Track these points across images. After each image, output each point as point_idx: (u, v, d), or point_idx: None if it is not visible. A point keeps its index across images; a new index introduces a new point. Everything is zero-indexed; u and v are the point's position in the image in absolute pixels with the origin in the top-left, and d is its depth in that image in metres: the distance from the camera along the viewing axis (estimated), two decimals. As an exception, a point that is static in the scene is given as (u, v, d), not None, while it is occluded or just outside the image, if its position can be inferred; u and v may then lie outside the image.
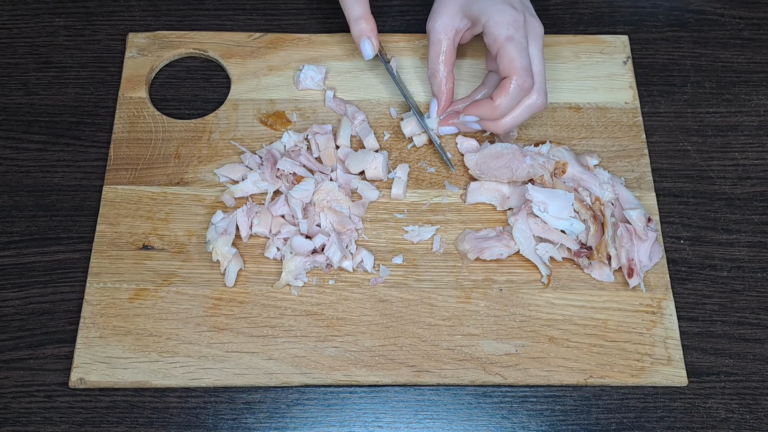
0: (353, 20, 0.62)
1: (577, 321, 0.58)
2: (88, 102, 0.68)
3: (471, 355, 0.57)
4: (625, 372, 0.57)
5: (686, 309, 0.60)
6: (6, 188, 0.64)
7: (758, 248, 0.63)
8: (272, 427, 0.56)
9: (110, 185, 0.63)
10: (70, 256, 0.61)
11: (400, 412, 0.56)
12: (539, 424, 0.56)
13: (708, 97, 0.70)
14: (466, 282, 0.60)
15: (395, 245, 0.61)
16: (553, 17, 0.74)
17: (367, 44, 0.63)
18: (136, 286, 0.59)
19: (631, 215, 0.59)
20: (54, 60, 0.71)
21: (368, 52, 0.63)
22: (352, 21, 0.62)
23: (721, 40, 0.73)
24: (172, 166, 0.64)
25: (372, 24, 0.63)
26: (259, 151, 0.64)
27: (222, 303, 0.58)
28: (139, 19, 0.73)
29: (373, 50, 0.63)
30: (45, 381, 0.57)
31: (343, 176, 0.63)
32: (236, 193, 0.62)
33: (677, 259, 0.62)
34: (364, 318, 0.58)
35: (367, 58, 0.64)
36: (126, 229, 0.61)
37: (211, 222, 0.60)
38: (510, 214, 0.62)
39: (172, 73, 0.70)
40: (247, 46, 0.70)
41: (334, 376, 0.56)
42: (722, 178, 0.66)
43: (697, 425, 0.56)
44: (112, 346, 0.57)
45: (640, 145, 0.66)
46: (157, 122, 0.66)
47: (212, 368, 0.56)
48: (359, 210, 0.62)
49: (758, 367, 0.59)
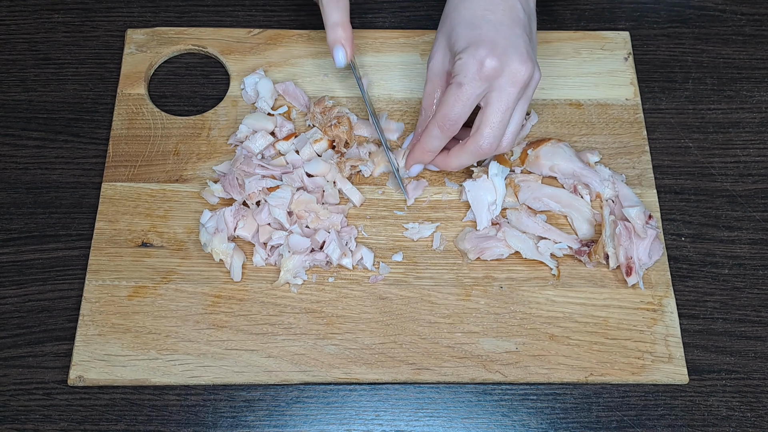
0: (330, 25, 0.61)
1: (578, 318, 0.58)
2: (86, 99, 0.68)
3: (471, 353, 0.57)
4: (625, 370, 0.57)
5: (687, 306, 0.60)
6: (4, 185, 0.64)
7: (759, 245, 0.63)
8: (272, 424, 0.55)
9: (109, 182, 0.63)
10: (68, 253, 0.61)
11: (400, 410, 0.56)
12: (539, 422, 0.56)
13: (709, 93, 0.70)
14: (467, 279, 0.60)
15: (395, 242, 0.61)
16: (554, 13, 0.74)
17: (341, 52, 0.61)
18: (135, 283, 0.59)
19: (629, 213, 0.59)
20: (52, 56, 0.70)
21: (340, 60, 0.61)
22: (328, 26, 0.61)
23: (722, 37, 0.73)
24: (171, 163, 0.64)
25: (348, 32, 0.61)
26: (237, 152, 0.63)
27: (221, 300, 0.58)
28: (137, 15, 0.73)
29: (346, 59, 0.61)
30: (44, 379, 0.57)
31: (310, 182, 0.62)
32: (216, 192, 0.62)
33: (678, 256, 0.62)
34: (363, 315, 0.58)
35: (338, 66, 0.62)
36: (125, 226, 0.61)
37: (200, 224, 0.60)
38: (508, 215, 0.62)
39: (171, 69, 0.70)
40: (246, 42, 0.70)
41: (333, 374, 0.56)
42: (723, 175, 0.66)
43: (698, 423, 0.56)
44: (111, 343, 0.57)
45: (641, 141, 0.66)
46: (156, 119, 0.66)
47: (211, 366, 0.56)
48: (338, 217, 0.61)
49: (759, 364, 0.58)
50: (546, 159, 0.63)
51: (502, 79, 0.54)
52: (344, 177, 0.62)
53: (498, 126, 0.56)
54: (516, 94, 0.55)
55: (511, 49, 0.54)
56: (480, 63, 0.54)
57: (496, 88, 0.55)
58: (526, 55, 0.55)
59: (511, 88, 0.55)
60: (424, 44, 0.70)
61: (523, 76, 0.54)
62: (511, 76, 0.54)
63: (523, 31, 0.56)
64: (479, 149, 0.57)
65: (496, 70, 0.54)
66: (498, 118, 0.55)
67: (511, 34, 0.55)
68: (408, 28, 0.72)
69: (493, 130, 0.56)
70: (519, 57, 0.54)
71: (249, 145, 0.63)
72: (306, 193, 0.60)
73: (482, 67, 0.54)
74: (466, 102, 0.55)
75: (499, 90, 0.55)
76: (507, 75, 0.54)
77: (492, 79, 0.54)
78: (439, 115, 0.56)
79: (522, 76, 0.54)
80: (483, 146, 0.56)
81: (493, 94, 0.55)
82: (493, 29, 0.55)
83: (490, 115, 0.55)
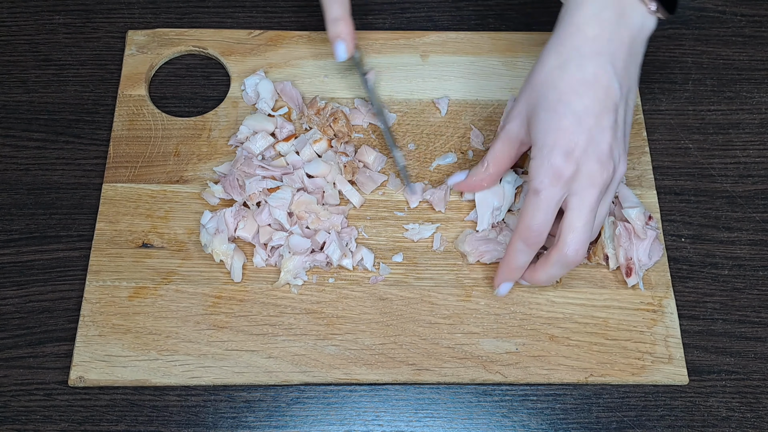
0: (331, 21, 0.61)
1: (578, 319, 0.58)
2: (87, 100, 0.68)
3: (471, 354, 0.57)
4: (625, 370, 0.57)
5: (687, 307, 0.60)
6: (5, 186, 0.64)
7: (759, 246, 0.63)
8: (272, 425, 0.55)
9: (110, 183, 0.63)
10: (69, 254, 0.61)
11: (400, 411, 0.56)
12: (539, 422, 0.56)
13: (709, 94, 0.70)
14: (467, 280, 0.60)
15: (395, 243, 0.61)
16: (554, 14, 0.74)
17: (341, 46, 0.61)
18: (136, 284, 0.59)
19: (629, 214, 0.59)
20: (53, 58, 0.71)
21: (341, 54, 0.61)
22: (329, 21, 0.61)
23: (722, 38, 0.73)
24: (172, 163, 0.64)
25: (350, 27, 0.61)
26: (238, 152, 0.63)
27: (222, 301, 0.58)
28: (138, 16, 0.73)
29: (347, 53, 0.61)
30: (44, 379, 0.57)
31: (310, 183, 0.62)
32: (216, 194, 0.62)
33: (678, 257, 0.62)
34: (364, 316, 0.58)
35: (339, 60, 0.62)
36: (125, 227, 0.61)
37: (201, 224, 0.60)
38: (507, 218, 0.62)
39: (171, 70, 0.70)
40: (246, 43, 0.70)
41: (334, 375, 0.56)
42: (723, 175, 0.66)
43: (698, 424, 0.56)
44: (112, 344, 0.57)
45: (641, 142, 0.66)
46: (156, 120, 0.66)
47: (212, 366, 0.56)
48: (338, 218, 0.61)
49: (759, 365, 0.58)
50: (546, 160, 0.63)
51: (581, 182, 0.50)
52: (345, 178, 0.62)
53: (582, 230, 0.51)
54: (597, 195, 0.51)
55: (591, 148, 0.50)
56: (555, 169, 0.50)
57: (576, 192, 0.51)
58: (607, 155, 0.50)
59: (591, 189, 0.51)
60: (424, 46, 0.70)
61: (603, 178, 0.51)
62: (590, 179, 0.50)
63: (611, 120, 0.51)
64: (565, 258, 0.52)
65: (573, 174, 0.50)
66: (581, 222, 0.51)
67: (596, 128, 0.50)
68: (408, 30, 0.72)
69: (578, 235, 0.51)
70: (597, 157, 0.50)
71: (249, 146, 0.63)
72: (306, 194, 0.61)
73: (557, 172, 0.50)
74: (547, 209, 0.51)
75: (578, 194, 0.51)
76: (585, 177, 0.50)
77: (570, 183, 0.51)
78: (522, 227, 0.52)
79: (601, 178, 0.50)
80: (569, 254, 0.52)
81: (574, 199, 0.51)
82: (575, 123, 0.50)
83: (573, 220, 0.51)
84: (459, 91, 0.68)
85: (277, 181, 0.61)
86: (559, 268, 0.53)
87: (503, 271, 0.56)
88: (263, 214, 0.59)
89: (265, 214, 0.59)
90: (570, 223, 0.51)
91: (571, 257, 0.52)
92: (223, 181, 0.61)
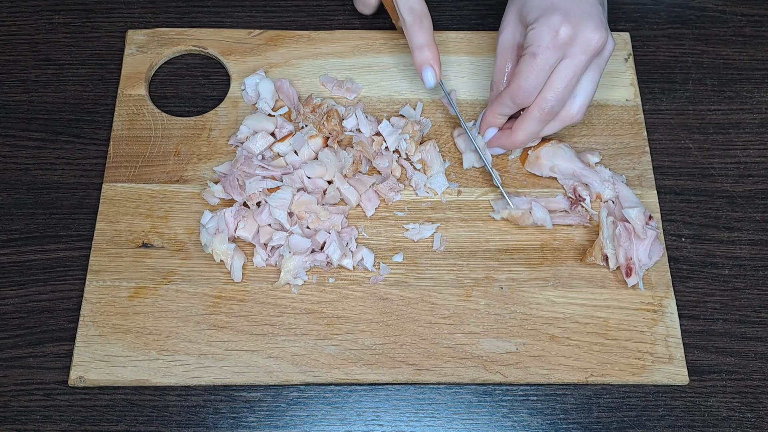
0: (416, 47, 0.61)
1: (578, 319, 0.58)
2: (87, 99, 0.68)
3: (471, 354, 0.57)
4: (626, 370, 0.57)
5: (687, 307, 0.60)
6: (5, 186, 0.64)
7: (760, 246, 0.63)
8: (272, 425, 0.55)
9: (110, 183, 0.63)
10: (69, 254, 0.61)
11: (401, 411, 0.56)
12: (540, 422, 0.56)
13: (709, 94, 0.70)
14: (467, 280, 0.60)
15: (395, 243, 0.61)
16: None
17: (430, 73, 0.62)
18: (136, 284, 0.59)
19: (629, 214, 0.59)
20: (53, 57, 0.70)
21: (430, 80, 0.62)
22: (414, 48, 0.61)
23: (722, 37, 0.73)
24: (172, 163, 0.64)
25: (435, 52, 0.61)
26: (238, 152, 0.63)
27: (222, 301, 0.58)
28: (138, 16, 0.73)
29: (436, 79, 0.62)
30: (44, 379, 0.57)
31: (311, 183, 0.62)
32: (216, 193, 0.62)
33: (678, 257, 0.62)
34: (364, 316, 0.58)
35: (428, 86, 0.62)
36: (125, 226, 0.61)
37: (201, 224, 0.60)
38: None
39: (171, 70, 0.70)
40: (246, 43, 0.70)
41: (334, 375, 0.56)
42: (724, 175, 0.66)
43: (699, 424, 0.56)
44: (112, 344, 0.57)
45: (642, 142, 0.66)
46: (156, 120, 0.66)
47: (212, 366, 0.56)
48: (338, 218, 0.61)
49: (759, 365, 0.58)
50: (546, 159, 0.63)
51: (575, 46, 0.54)
52: (342, 176, 0.62)
53: (561, 90, 0.55)
54: (585, 61, 0.55)
55: (586, 16, 0.54)
56: (554, 31, 0.54)
57: (569, 55, 0.55)
58: (600, 23, 0.54)
59: (581, 55, 0.54)
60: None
61: (596, 44, 0.54)
62: (584, 44, 0.54)
63: (596, 1, 0.56)
64: (542, 114, 0.56)
65: (570, 38, 0.54)
66: (563, 83, 0.55)
67: (585, 3, 0.55)
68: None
69: (556, 93, 0.55)
70: (593, 24, 0.54)
71: (249, 146, 0.63)
72: (306, 194, 0.61)
73: (556, 35, 0.54)
74: (541, 72, 0.55)
75: (570, 57, 0.55)
76: (579, 43, 0.54)
77: (566, 47, 0.54)
78: (513, 87, 0.56)
79: (594, 44, 0.54)
80: (545, 110, 0.56)
81: (564, 61, 0.55)
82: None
83: (556, 80, 0.55)
84: (459, 91, 0.68)
85: (277, 181, 0.61)
86: (537, 124, 0.57)
87: (488, 117, 0.61)
88: (263, 214, 0.59)
89: (265, 214, 0.59)
90: (552, 82, 0.55)
91: (548, 112, 0.56)
92: (223, 180, 0.61)
